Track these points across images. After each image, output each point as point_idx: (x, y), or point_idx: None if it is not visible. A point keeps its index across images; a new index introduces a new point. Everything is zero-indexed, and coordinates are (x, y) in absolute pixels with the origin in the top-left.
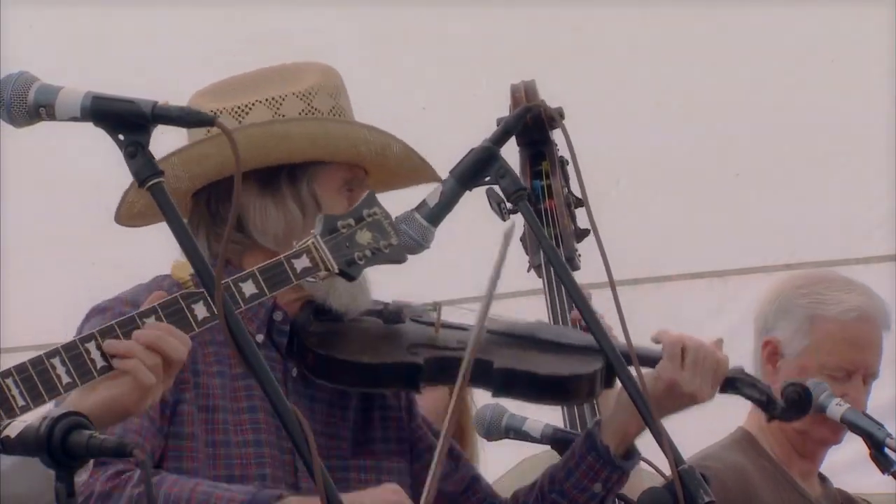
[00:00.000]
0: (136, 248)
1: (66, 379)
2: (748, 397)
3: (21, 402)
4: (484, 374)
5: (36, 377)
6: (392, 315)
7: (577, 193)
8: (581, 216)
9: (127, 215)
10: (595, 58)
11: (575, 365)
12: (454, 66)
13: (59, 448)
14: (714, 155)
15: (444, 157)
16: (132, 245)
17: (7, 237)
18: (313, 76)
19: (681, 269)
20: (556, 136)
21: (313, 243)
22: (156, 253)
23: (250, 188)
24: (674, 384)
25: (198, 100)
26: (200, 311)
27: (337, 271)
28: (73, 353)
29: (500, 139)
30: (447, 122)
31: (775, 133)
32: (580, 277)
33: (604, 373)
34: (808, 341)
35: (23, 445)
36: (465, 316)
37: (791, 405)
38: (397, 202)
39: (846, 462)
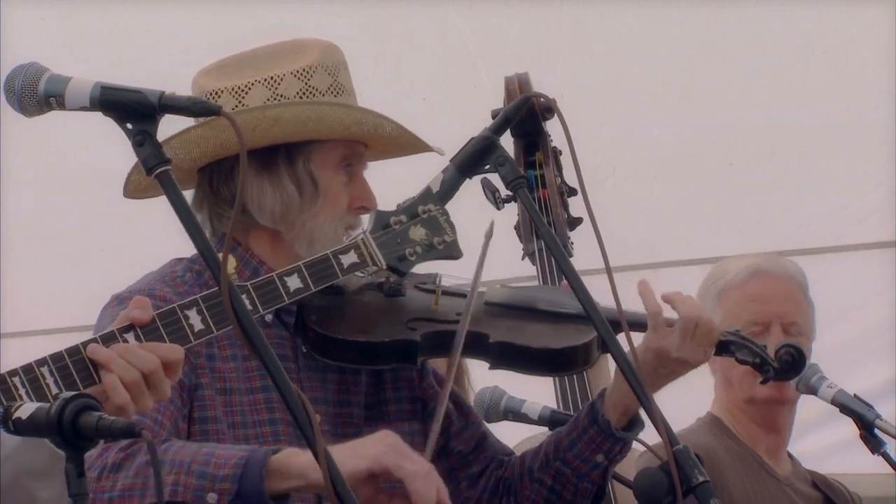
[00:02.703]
0: (144, 234)
1: (54, 389)
2: (742, 361)
3: (55, 391)
4: (481, 347)
5: (71, 367)
6: (392, 288)
7: (571, 183)
8: (574, 205)
9: (134, 190)
10: (593, 51)
11: (570, 336)
12: (454, 60)
13: (70, 429)
14: (709, 145)
15: (445, 147)
16: (140, 232)
17: (20, 225)
18: (312, 54)
19: (676, 256)
20: (550, 127)
21: (362, 239)
22: (162, 239)
23: (249, 168)
24: (662, 352)
25: (202, 79)
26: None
27: (385, 267)
28: (110, 343)
29: (499, 128)
30: (447, 113)
31: (769, 124)
32: (575, 265)
33: (600, 340)
34: (721, 315)
35: (34, 427)
36: (465, 284)
37: (784, 366)
38: (399, 189)
39: (838, 443)
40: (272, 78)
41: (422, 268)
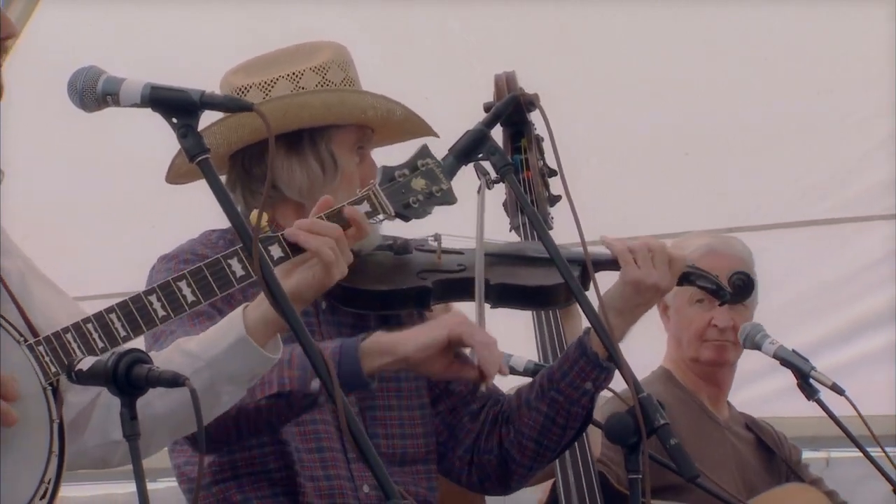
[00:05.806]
0: (186, 212)
1: (161, 312)
2: (701, 287)
3: (122, 333)
4: (484, 290)
5: (135, 312)
6: (401, 247)
7: (552, 166)
8: (553, 185)
9: (174, 175)
10: (576, 53)
11: (555, 275)
12: (453, 61)
13: (124, 379)
14: (673, 136)
15: (443, 137)
16: (184, 210)
17: (88, 204)
18: (326, 52)
19: (642, 231)
20: (535, 117)
21: (372, 191)
22: (197, 218)
23: (278, 150)
24: (637, 281)
25: (230, 77)
26: (276, 251)
27: (394, 214)
28: (167, 290)
29: (490, 123)
30: (447, 109)
31: (721, 119)
32: (554, 237)
33: (578, 280)
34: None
35: (93, 377)
36: (460, 242)
37: (737, 290)
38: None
39: (777, 390)
40: (294, 73)
41: (425, 230)
